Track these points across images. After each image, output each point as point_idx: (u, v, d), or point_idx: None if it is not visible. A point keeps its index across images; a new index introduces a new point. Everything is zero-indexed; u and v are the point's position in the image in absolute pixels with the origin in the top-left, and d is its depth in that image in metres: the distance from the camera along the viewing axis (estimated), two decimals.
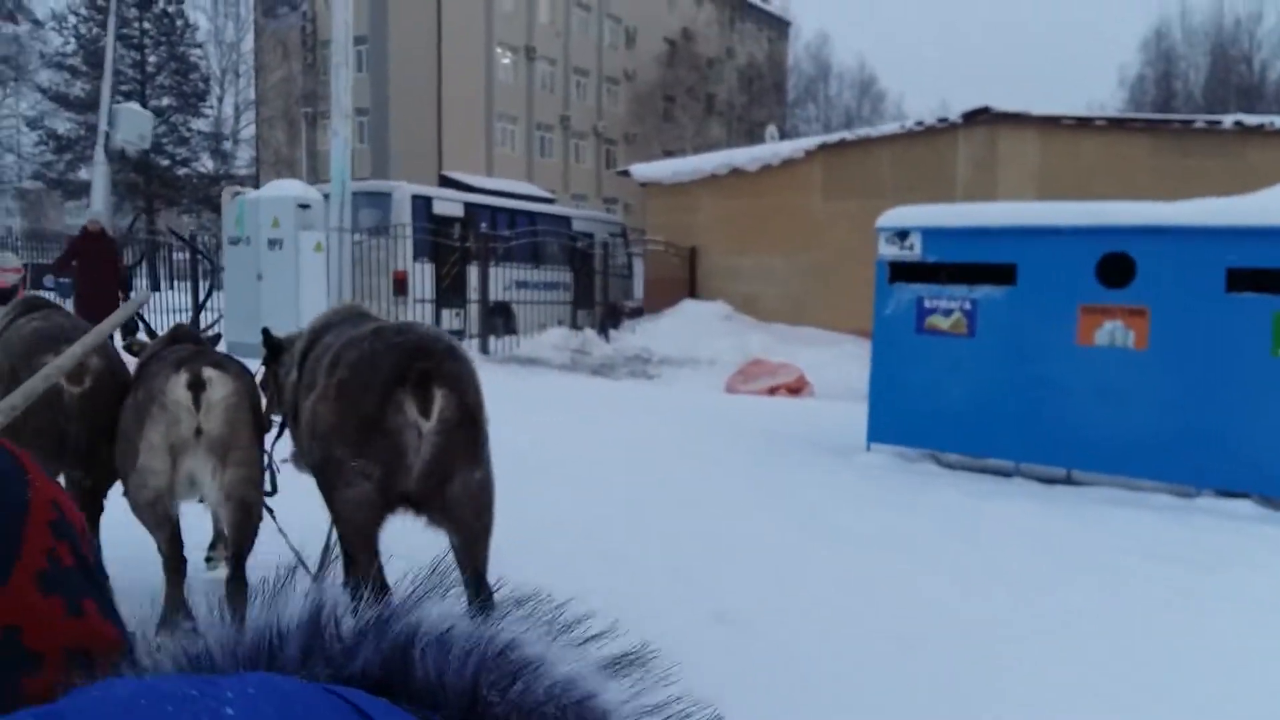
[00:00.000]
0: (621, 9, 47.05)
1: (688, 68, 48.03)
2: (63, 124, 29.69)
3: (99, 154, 13.67)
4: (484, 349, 13.38)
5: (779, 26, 57.69)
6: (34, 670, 0.45)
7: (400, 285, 14.54)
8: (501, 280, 14.27)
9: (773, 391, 11.29)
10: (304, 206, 10.67)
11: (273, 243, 10.78)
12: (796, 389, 11.45)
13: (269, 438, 3.42)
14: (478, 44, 39.18)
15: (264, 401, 3.53)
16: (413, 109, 36.64)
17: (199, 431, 3.09)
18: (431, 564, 0.41)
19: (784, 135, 26.49)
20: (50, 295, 10.97)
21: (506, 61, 41.14)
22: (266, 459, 3.37)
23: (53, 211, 34.76)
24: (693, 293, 17.33)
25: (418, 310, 14.28)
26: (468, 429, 2.95)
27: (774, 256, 16.76)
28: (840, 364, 13.76)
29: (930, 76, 76.65)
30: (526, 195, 21.01)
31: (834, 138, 16.97)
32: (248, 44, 38.04)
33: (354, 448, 2.91)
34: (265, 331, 3.81)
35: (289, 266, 10.64)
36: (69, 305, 10.37)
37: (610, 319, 16.46)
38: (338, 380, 2.97)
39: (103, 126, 13.51)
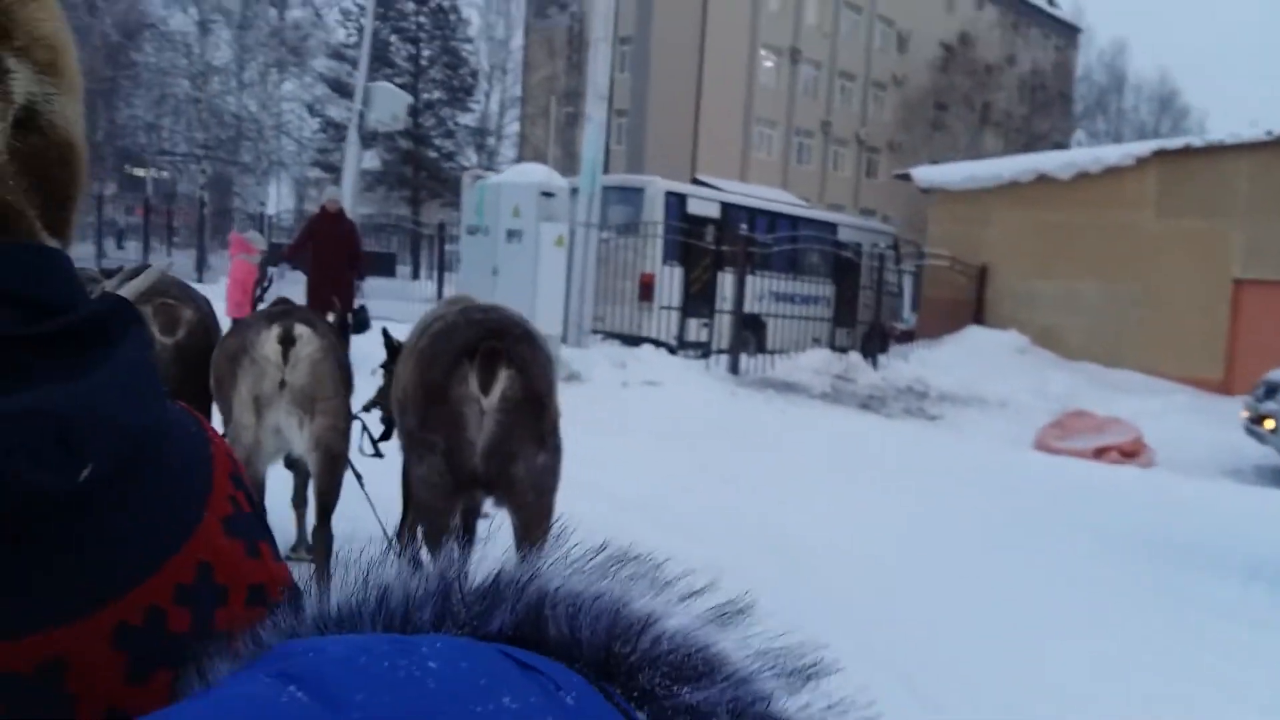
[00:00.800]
0: (895, 11, 44.18)
1: (964, 74, 44.35)
2: (340, 112, 31.15)
3: (352, 133, 13.20)
4: (734, 368, 11.67)
5: (1068, 33, 52.54)
6: (223, 604, 0.48)
7: (646, 290, 13.14)
8: (754, 290, 12.51)
9: (1100, 454, 8.83)
10: (548, 195, 9.38)
11: (511, 234, 9.59)
12: (1131, 453, 8.93)
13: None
14: (741, 45, 37.79)
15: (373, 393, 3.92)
16: (671, 111, 35.78)
17: (283, 384, 3.23)
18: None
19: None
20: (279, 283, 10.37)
21: (769, 64, 39.53)
22: (361, 425, 3.58)
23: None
24: (979, 318, 14.87)
25: (662, 319, 12.83)
26: (533, 411, 3.00)
27: (1085, 281, 13.99)
28: (1172, 421, 10.94)
29: (1241, 93, 67.67)
30: (781, 202, 19.20)
31: (1174, 144, 13.96)
32: (516, 41, 38.71)
33: (421, 416, 3.01)
34: (385, 332, 4.00)
35: (527, 260, 9.38)
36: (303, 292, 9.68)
37: (876, 342, 14.35)
38: (418, 349, 3.08)
39: (357, 105, 12.99)
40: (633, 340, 12.35)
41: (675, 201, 13.63)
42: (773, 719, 0.36)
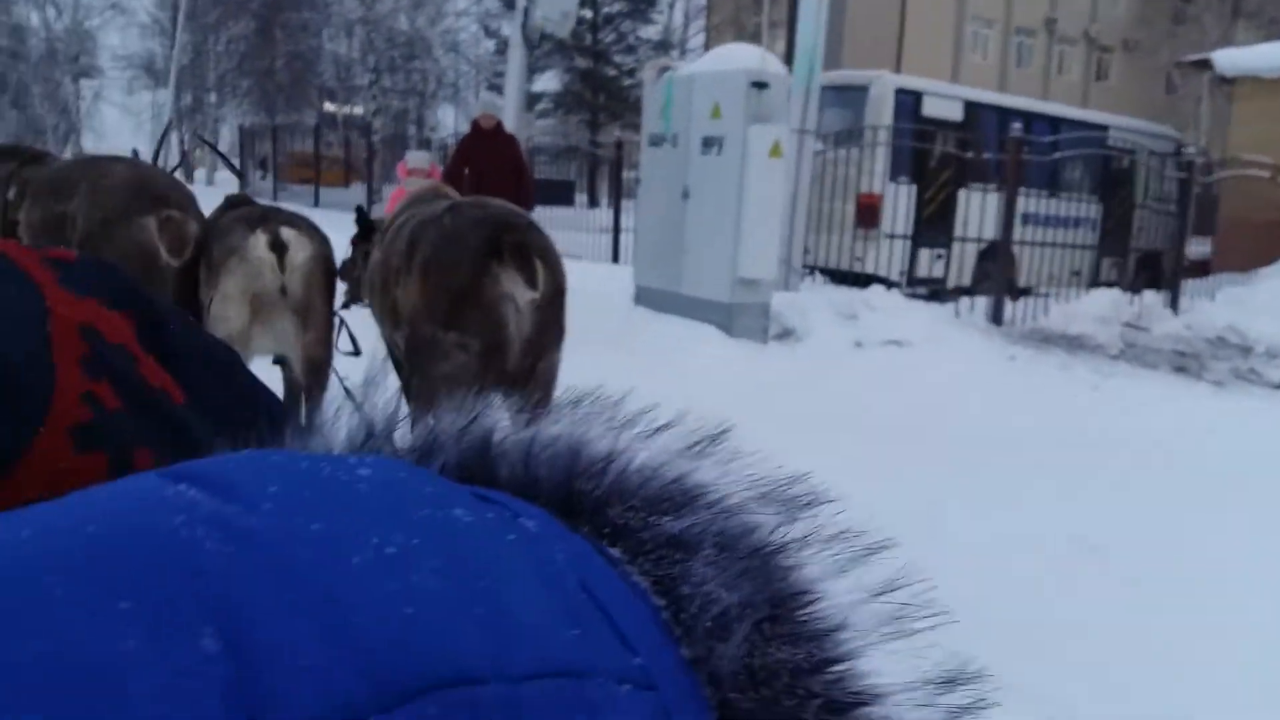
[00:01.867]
0: None
1: None
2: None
3: (514, 34, 11.13)
4: (996, 317, 8.95)
5: None
6: None
7: (868, 213, 10.54)
8: (997, 212, 9.63)
9: None
10: (759, 86, 6.93)
11: (709, 142, 7.24)
12: None
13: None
14: None
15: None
16: (874, 5, 31.96)
17: (284, 291, 3.21)
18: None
19: None
20: None
21: None
22: (338, 322, 3.54)
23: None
24: None
25: (886, 249, 10.21)
26: (560, 304, 3.08)
27: None
28: None
29: None
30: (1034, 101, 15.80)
31: None
32: None
33: (445, 320, 2.94)
34: (359, 209, 4.10)
35: (729, 178, 7.02)
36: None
37: (1159, 277, 11.23)
38: (421, 261, 2.98)
39: (521, 2, 10.86)
40: (844, 278, 9.87)
41: (908, 102, 10.85)
42: (767, 549, 0.31)
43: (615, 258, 12.63)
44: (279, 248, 3.16)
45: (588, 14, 29.56)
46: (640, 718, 0.25)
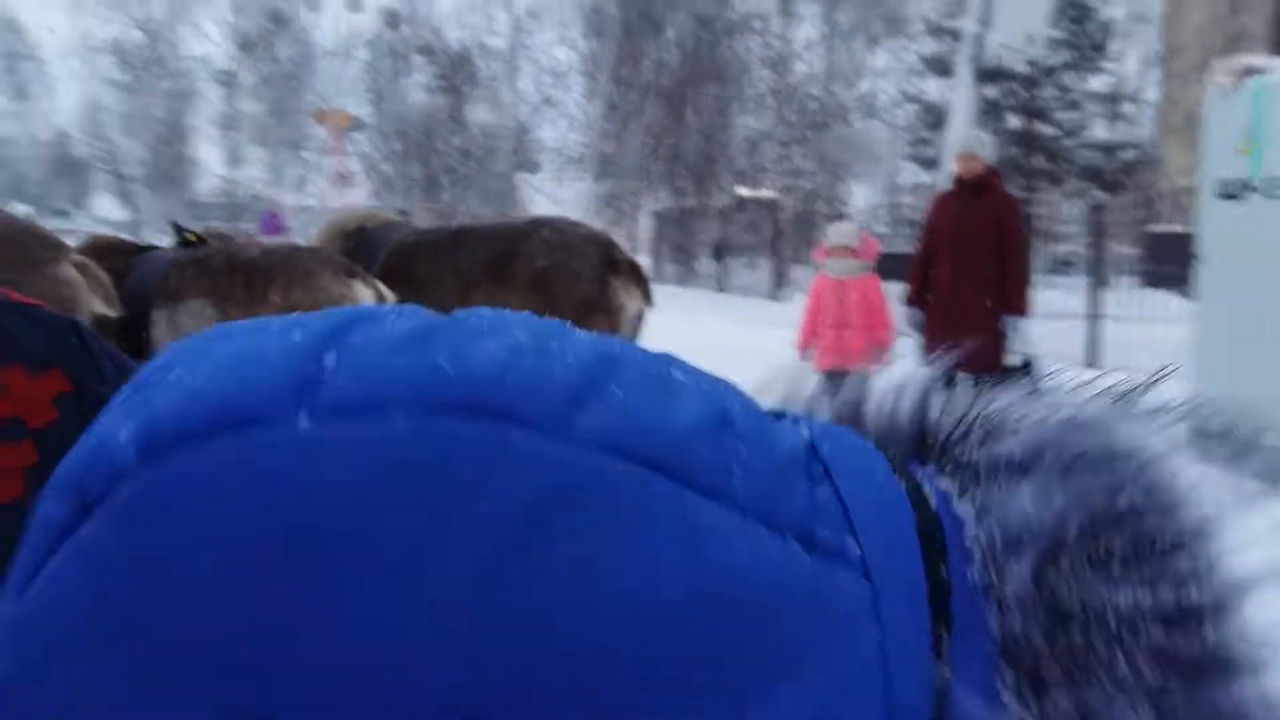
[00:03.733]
0: None
1: None
2: (941, 90, 26.68)
3: (962, 69, 8.61)
4: None
5: None
6: None
7: None
8: None
9: None
10: None
11: None
12: None
13: None
14: None
15: None
16: None
17: None
18: None
19: None
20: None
21: None
22: None
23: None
24: None
25: None
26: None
27: None
28: None
29: None
30: None
31: None
32: None
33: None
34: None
35: None
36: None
37: None
38: (530, 272, 3.25)
39: (971, 27, 8.32)
40: None
41: None
42: (1114, 456, 0.28)
43: (1092, 360, 9.37)
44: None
45: (1023, 69, 26.08)
46: (843, 600, 0.24)
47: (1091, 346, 9.29)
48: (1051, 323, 9.56)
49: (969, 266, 5.42)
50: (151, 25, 36.43)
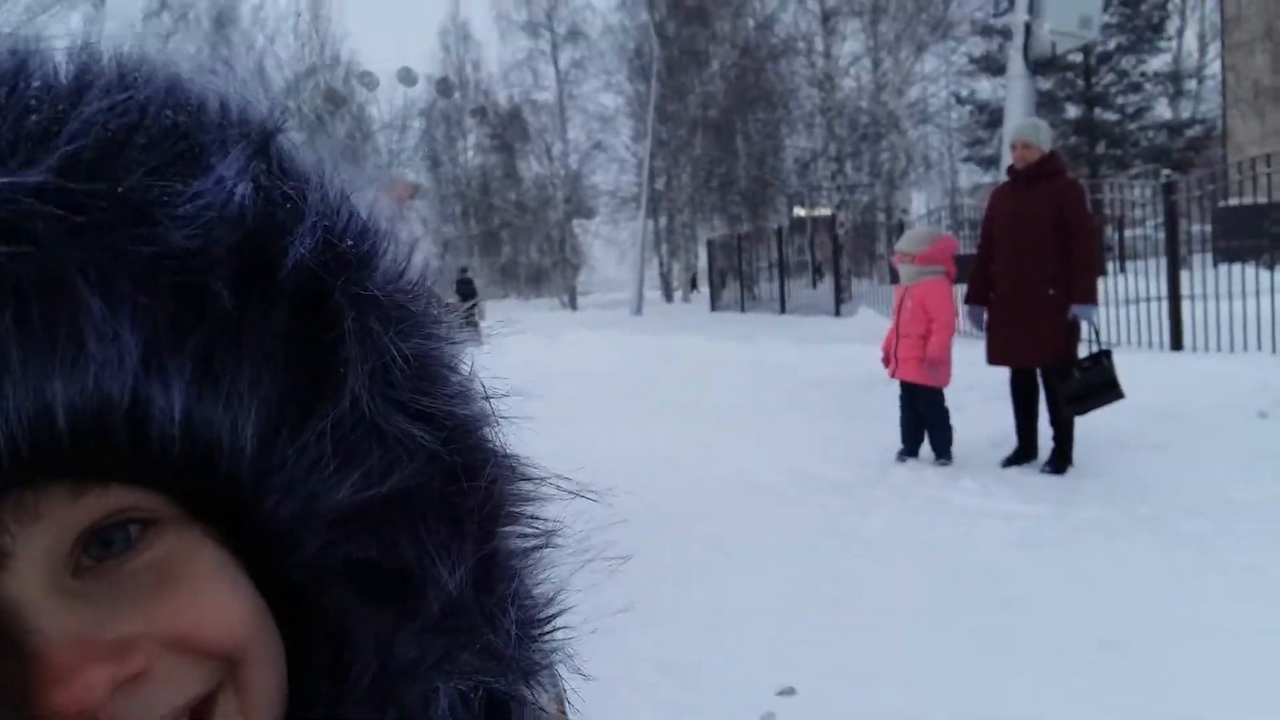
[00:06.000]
0: None
1: None
2: (993, 89, 26.14)
3: (1014, 61, 8.37)
4: None
5: None
6: None
7: None
8: None
9: None
10: None
11: None
12: None
13: None
14: None
15: None
16: None
17: None
18: None
19: None
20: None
21: None
22: None
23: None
24: None
25: None
26: None
27: None
28: None
29: None
30: None
31: None
32: None
33: None
34: None
35: None
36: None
37: None
38: None
39: (1021, 16, 8.11)
40: None
41: None
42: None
43: (1176, 341, 8.90)
44: None
45: (1077, 58, 25.39)
46: None
47: (1174, 328, 8.85)
48: (1130, 308, 9.18)
49: (1030, 257, 5.20)
50: None
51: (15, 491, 0.31)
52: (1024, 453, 5.66)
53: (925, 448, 5.93)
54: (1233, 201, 11.56)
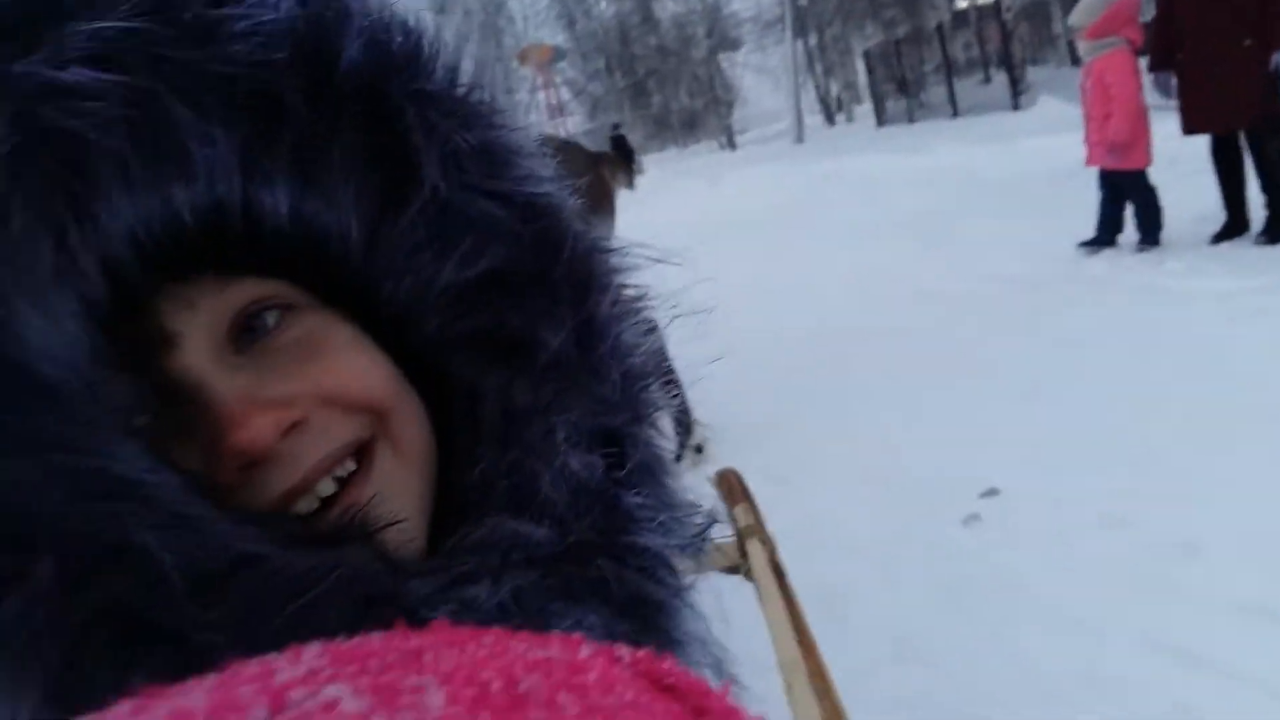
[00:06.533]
0: None
1: None
2: None
3: None
4: None
5: None
6: None
7: None
8: None
9: None
10: None
11: None
12: None
13: None
14: None
15: None
16: None
17: None
18: None
19: None
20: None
21: None
22: None
23: None
24: None
25: None
26: None
27: None
28: None
29: None
30: None
31: None
32: None
33: None
34: None
35: None
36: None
37: None
38: None
39: None
40: None
41: None
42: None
43: None
44: None
45: None
46: None
47: None
48: None
49: (1219, 4, 4.61)
50: None
51: (170, 285, 0.37)
52: (1234, 225, 5.16)
53: (1122, 236, 5.54)
54: None
